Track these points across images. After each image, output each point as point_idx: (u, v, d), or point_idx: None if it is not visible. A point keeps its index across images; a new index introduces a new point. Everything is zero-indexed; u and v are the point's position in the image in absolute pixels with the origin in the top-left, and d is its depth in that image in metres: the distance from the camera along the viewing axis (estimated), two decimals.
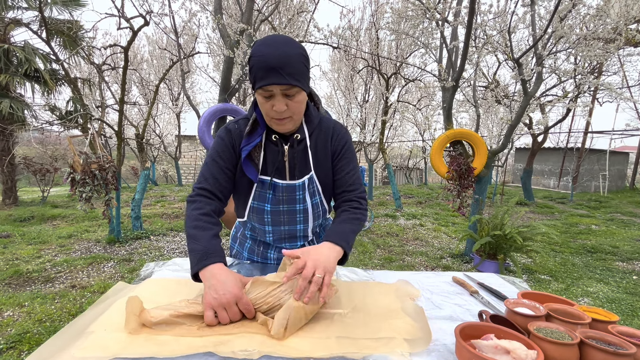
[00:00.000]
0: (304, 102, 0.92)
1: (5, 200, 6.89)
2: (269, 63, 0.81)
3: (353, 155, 1.05)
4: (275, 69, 0.81)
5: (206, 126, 3.76)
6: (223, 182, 0.97)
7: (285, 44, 0.84)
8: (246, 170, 0.97)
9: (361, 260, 4.00)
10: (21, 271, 3.28)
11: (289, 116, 0.90)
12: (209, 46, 6.52)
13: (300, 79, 0.85)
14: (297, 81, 0.84)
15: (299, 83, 0.85)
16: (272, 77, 0.82)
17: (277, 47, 0.82)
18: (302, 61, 0.86)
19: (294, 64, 0.83)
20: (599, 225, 6.24)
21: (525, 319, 0.72)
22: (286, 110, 0.88)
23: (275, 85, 0.83)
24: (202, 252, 0.83)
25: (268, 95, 0.86)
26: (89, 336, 0.68)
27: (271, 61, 0.81)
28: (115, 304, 0.81)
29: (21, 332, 2.24)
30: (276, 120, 0.91)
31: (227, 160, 0.97)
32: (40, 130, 7.00)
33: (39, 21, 6.56)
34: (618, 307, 2.97)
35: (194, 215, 0.90)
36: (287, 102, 0.87)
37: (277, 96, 0.86)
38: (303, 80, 0.87)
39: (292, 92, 0.86)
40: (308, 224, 1.06)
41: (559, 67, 4.40)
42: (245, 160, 0.97)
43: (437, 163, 4.00)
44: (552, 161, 12.60)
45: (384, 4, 6.93)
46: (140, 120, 8.92)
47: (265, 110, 0.90)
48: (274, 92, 0.85)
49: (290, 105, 0.88)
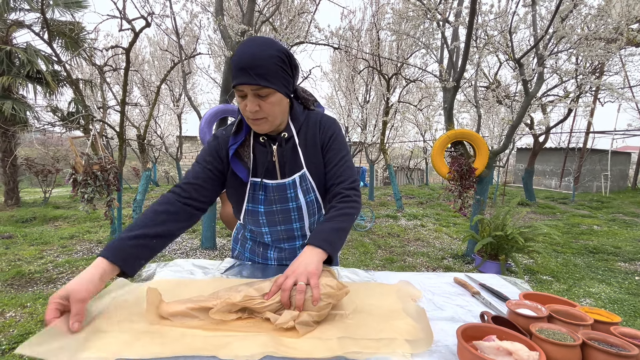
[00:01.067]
0: (280, 103, 0.91)
1: (8, 201, 6.92)
2: (240, 63, 0.83)
3: (342, 146, 1.02)
4: (245, 69, 0.83)
5: (207, 127, 3.77)
6: (202, 183, 0.96)
7: (261, 45, 0.85)
8: (236, 170, 0.97)
9: (362, 261, 4.00)
10: (23, 272, 3.29)
11: (263, 117, 0.90)
12: (210, 47, 6.53)
13: (272, 80, 0.85)
14: (267, 82, 0.84)
15: (271, 84, 0.85)
16: (242, 77, 0.83)
17: (250, 48, 0.84)
18: (277, 62, 0.85)
19: (265, 65, 0.83)
20: (601, 226, 6.22)
21: (527, 320, 0.71)
22: (259, 111, 0.88)
23: (246, 85, 0.84)
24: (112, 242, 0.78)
25: (242, 94, 0.87)
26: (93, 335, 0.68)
27: (241, 62, 0.83)
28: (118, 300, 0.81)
29: (23, 333, 2.25)
30: (251, 120, 0.92)
31: (209, 163, 0.98)
32: (42, 131, 7.03)
33: (41, 23, 6.59)
34: (620, 308, 2.96)
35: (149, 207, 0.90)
36: (260, 102, 0.87)
37: (249, 96, 0.87)
38: (276, 81, 0.86)
39: (264, 93, 0.86)
40: (304, 221, 1.05)
41: (560, 67, 4.39)
42: (234, 159, 0.97)
43: (439, 163, 4.00)
44: (553, 161, 12.57)
45: (385, 5, 6.94)
46: (141, 121, 8.94)
47: (241, 109, 0.91)
48: (245, 91, 0.86)
49: (263, 106, 0.88)
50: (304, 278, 0.78)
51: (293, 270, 0.80)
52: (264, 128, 0.94)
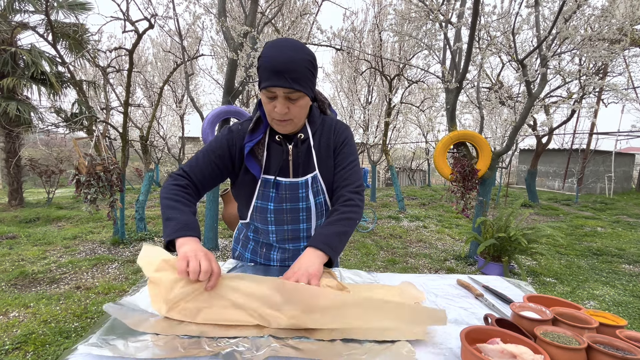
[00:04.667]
0: (307, 106, 0.94)
1: (11, 202, 6.96)
2: (275, 66, 0.83)
3: (352, 151, 1.06)
4: (280, 73, 0.83)
5: (210, 128, 3.78)
6: (207, 176, 0.99)
7: (294, 49, 0.86)
8: (250, 167, 0.98)
9: (364, 262, 3.99)
10: (27, 272, 3.30)
11: (290, 119, 0.92)
12: (213, 48, 6.56)
13: (304, 84, 0.87)
14: (300, 86, 0.86)
15: (302, 88, 0.87)
16: (276, 80, 0.84)
17: (284, 52, 0.84)
18: (308, 67, 0.88)
19: (299, 70, 0.85)
20: (605, 228, 6.18)
21: (532, 323, 0.71)
22: (287, 113, 0.90)
23: (279, 88, 0.85)
24: (183, 223, 0.84)
25: (271, 96, 0.88)
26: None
27: (277, 65, 0.83)
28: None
29: (27, 333, 2.25)
30: (277, 121, 0.93)
31: (217, 157, 0.99)
32: (46, 132, 7.07)
33: (45, 25, 6.62)
34: (625, 311, 2.94)
35: (175, 189, 0.92)
36: (289, 105, 0.89)
37: (279, 98, 0.88)
38: (307, 85, 0.88)
39: (295, 97, 0.88)
40: (311, 223, 1.06)
41: (563, 68, 4.37)
42: (249, 156, 0.98)
43: (441, 165, 3.98)
44: (556, 162, 12.50)
45: (387, 6, 6.94)
46: (144, 122, 8.98)
47: (267, 110, 0.92)
48: (277, 94, 0.87)
49: (292, 109, 0.90)
50: (304, 279, 0.79)
51: (294, 272, 0.81)
52: (287, 129, 0.96)
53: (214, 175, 1.00)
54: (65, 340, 2.21)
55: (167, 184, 0.95)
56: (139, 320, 0.74)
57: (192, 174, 0.97)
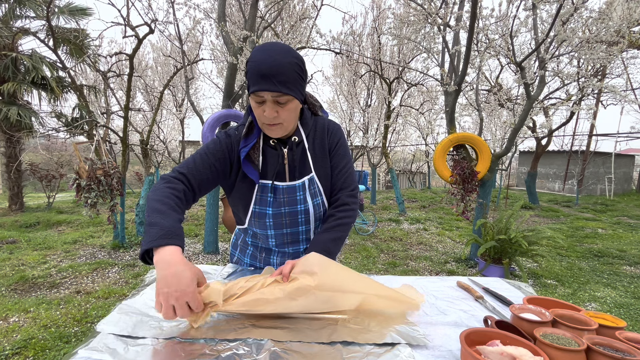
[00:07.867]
0: (296, 110, 0.94)
1: (12, 206, 6.97)
2: (262, 70, 0.83)
3: (346, 151, 1.07)
4: (267, 76, 0.83)
5: (210, 132, 3.79)
6: (206, 179, 0.95)
7: (281, 52, 0.85)
8: (248, 172, 0.98)
9: (365, 265, 3.98)
10: (27, 277, 3.30)
11: (280, 123, 0.92)
12: (213, 53, 6.60)
13: (292, 87, 0.86)
14: (288, 90, 0.85)
15: (291, 92, 0.86)
16: (264, 83, 0.84)
17: (271, 55, 0.84)
18: (296, 70, 0.87)
19: (286, 73, 0.84)
20: (606, 229, 6.17)
21: (531, 324, 0.71)
22: (277, 117, 0.90)
23: (267, 92, 0.85)
24: (167, 229, 0.75)
25: (260, 100, 0.88)
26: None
27: (264, 68, 0.83)
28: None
29: (27, 338, 2.25)
30: (267, 126, 0.93)
31: (216, 160, 0.96)
32: (47, 136, 7.09)
33: (46, 30, 6.68)
34: (626, 313, 2.93)
35: (166, 192, 0.85)
36: (278, 109, 0.89)
37: (268, 102, 0.87)
38: (295, 89, 0.88)
39: (284, 100, 0.87)
40: (310, 225, 1.06)
41: (561, 71, 4.39)
42: (245, 162, 0.98)
43: (441, 167, 3.99)
44: (556, 164, 12.50)
45: (386, 10, 6.98)
46: (144, 127, 8.99)
47: (257, 115, 0.91)
48: (265, 98, 0.86)
49: (281, 113, 0.89)
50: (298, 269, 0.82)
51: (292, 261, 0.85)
52: (278, 133, 0.96)
53: (212, 179, 0.97)
54: (65, 345, 2.20)
55: (159, 185, 0.87)
56: (139, 324, 0.74)
57: (190, 176, 0.92)
